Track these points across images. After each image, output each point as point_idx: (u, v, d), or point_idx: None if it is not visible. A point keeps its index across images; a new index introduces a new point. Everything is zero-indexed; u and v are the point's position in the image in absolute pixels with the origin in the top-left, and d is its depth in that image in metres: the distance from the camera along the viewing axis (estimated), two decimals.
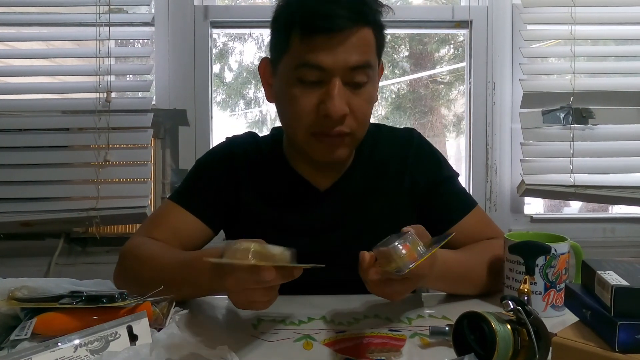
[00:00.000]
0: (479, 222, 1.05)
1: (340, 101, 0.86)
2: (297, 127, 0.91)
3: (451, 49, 2.82)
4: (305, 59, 0.86)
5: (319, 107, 0.87)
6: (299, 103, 0.88)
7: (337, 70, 0.86)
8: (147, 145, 1.58)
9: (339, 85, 0.86)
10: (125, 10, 1.64)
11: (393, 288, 0.72)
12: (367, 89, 0.90)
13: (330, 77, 0.86)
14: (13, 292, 0.73)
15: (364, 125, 0.93)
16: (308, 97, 0.88)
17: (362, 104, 0.90)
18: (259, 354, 0.72)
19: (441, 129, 2.87)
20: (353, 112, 0.89)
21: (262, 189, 1.02)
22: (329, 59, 0.85)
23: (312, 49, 0.85)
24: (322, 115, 0.87)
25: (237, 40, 2.93)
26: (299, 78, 0.88)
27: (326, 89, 0.87)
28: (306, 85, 0.88)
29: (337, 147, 0.92)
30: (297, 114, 0.90)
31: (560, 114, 1.57)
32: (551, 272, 0.84)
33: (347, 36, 0.85)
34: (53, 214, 1.52)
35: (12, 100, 1.59)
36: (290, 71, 0.89)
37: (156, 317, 0.75)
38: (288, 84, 0.90)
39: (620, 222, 1.68)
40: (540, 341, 0.62)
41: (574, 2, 1.56)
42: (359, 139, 0.95)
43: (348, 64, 0.86)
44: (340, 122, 0.89)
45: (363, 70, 0.88)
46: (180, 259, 0.88)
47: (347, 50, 0.85)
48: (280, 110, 0.96)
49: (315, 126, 0.89)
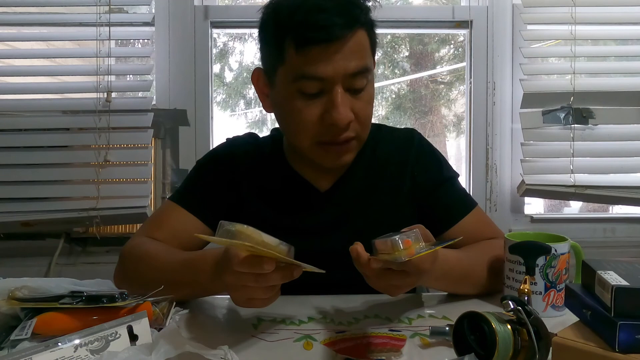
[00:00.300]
0: (479, 223, 1.05)
1: (344, 109, 0.86)
2: (302, 138, 0.91)
3: (451, 49, 2.82)
4: (304, 71, 0.85)
5: (324, 116, 0.87)
6: (302, 115, 0.88)
7: (337, 78, 0.85)
8: (148, 145, 1.58)
9: (341, 93, 0.86)
10: (125, 10, 1.63)
11: (392, 281, 0.71)
12: (367, 91, 0.90)
13: (332, 86, 0.85)
14: (13, 292, 0.73)
15: (367, 126, 0.94)
16: (311, 108, 0.87)
17: (364, 106, 0.90)
18: (259, 354, 0.72)
19: (441, 129, 2.87)
20: (357, 116, 0.89)
21: (263, 190, 1.02)
22: (328, 69, 0.84)
23: (310, 60, 0.84)
24: (328, 125, 0.87)
25: (238, 40, 2.94)
26: (299, 90, 0.87)
27: (329, 98, 0.86)
28: (307, 96, 0.87)
29: (344, 153, 0.92)
30: (301, 126, 0.89)
31: (560, 114, 1.57)
32: (551, 272, 0.84)
33: (344, 43, 0.84)
34: (53, 214, 1.52)
35: (13, 100, 1.59)
36: (288, 84, 0.88)
37: (156, 317, 0.75)
38: (288, 96, 0.89)
39: (620, 222, 1.68)
40: (541, 341, 0.62)
41: (574, 2, 1.56)
42: (363, 140, 0.95)
43: (347, 71, 0.85)
44: (346, 129, 0.89)
45: (362, 74, 0.88)
46: (180, 258, 0.88)
47: (345, 58, 0.85)
48: (282, 121, 0.96)
49: (321, 135, 0.89)
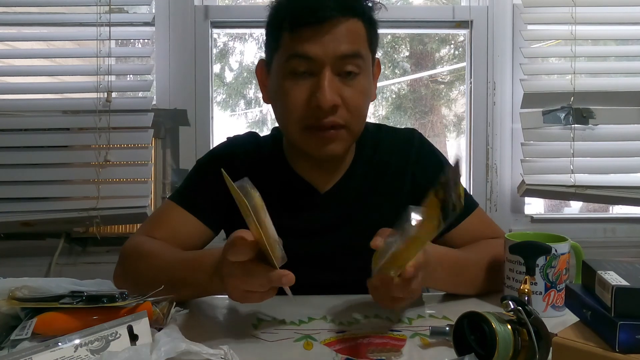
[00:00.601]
0: (481, 224, 1.05)
1: (330, 91, 0.86)
2: (289, 121, 0.91)
3: (451, 49, 2.82)
4: (294, 50, 0.87)
5: (310, 99, 0.88)
6: (290, 96, 0.89)
7: (327, 59, 0.86)
8: (148, 145, 1.58)
9: (329, 75, 0.87)
10: (125, 10, 1.64)
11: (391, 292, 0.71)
12: (359, 80, 0.90)
13: (320, 68, 0.87)
14: (13, 292, 0.73)
15: (358, 118, 0.92)
16: (299, 89, 0.88)
17: (354, 95, 0.89)
18: (259, 354, 0.71)
19: (441, 129, 2.87)
20: (346, 104, 0.89)
21: (263, 190, 1.02)
22: (317, 48, 0.86)
23: (301, 40, 0.87)
24: (314, 107, 0.87)
25: (238, 40, 2.94)
26: (289, 70, 0.89)
27: (316, 80, 0.87)
28: (297, 77, 0.88)
29: (331, 141, 0.91)
30: (289, 108, 0.90)
31: (560, 114, 1.57)
32: (552, 272, 0.84)
33: (335, 26, 0.86)
34: (53, 214, 1.52)
35: (13, 100, 1.59)
36: (281, 66, 0.90)
37: (156, 317, 0.75)
38: (279, 77, 0.91)
39: (620, 222, 1.68)
40: (541, 341, 0.62)
41: (574, 2, 1.56)
42: (354, 133, 0.94)
43: (337, 53, 0.86)
44: (332, 113, 0.88)
45: (353, 60, 0.88)
46: (180, 257, 0.88)
47: (335, 40, 0.86)
48: (275, 108, 0.96)
49: (307, 119, 0.89)
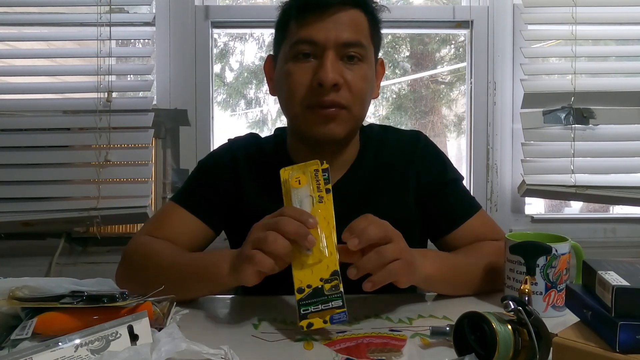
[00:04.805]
0: (483, 226, 1.05)
1: (332, 69, 0.90)
2: (293, 102, 0.94)
3: (452, 49, 2.81)
4: (299, 35, 0.92)
5: (313, 78, 0.91)
6: (293, 77, 0.93)
7: (329, 44, 0.91)
8: (148, 145, 1.58)
9: (331, 56, 0.91)
10: (126, 10, 1.63)
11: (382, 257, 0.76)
12: (361, 66, 0.94)
13: (323, 51, 0.91)
14: (14, 292, 0.73)
15: (360, 101, 0.95)
16: (303, 70, 0.92)
17: (356, 78, 0.93)
18: (259, 354, 0.72)
19: (442, 129, 2.86)
20: (348, 85, 0.92)
21: (264, 190, 1.02)
22: (321, 33, 0.90)
23: (306, 26, 0.91)
24: (316, 85, 0.90)
25: (238, 40, 2.94)
26: (294, 55, 0.93)
27: (319, 62, 0.91)
28: (301, 60, 0.92)
29: (331, 119, 0.93)
30: (292, 89, 0.93)
31: (561, 114, 1.57)
32: (552, 273, 0.84)
33: (338, 14, 0.91)
34: (54, 214, 1.52)
35: (13, 100, 1.59)
36: (286, 52, 0.94)
37: (157, 316, 0.75)
38: (284, 62, 0.95)
39: (621, 222, 1.67)
40: (541, 341, 0.62)
41: (574, 2, 1.55)
42: (355, 117, 0.96)
43: (339, 40, 0.91)
44: (334, 92, 0.91)
45: (355, 48, 0.92)
46: (190, 255, 0.91)
47: (339, 27, 0.91)
48: (280, 94, 0.99)
49: (310, 98, 0.92)
